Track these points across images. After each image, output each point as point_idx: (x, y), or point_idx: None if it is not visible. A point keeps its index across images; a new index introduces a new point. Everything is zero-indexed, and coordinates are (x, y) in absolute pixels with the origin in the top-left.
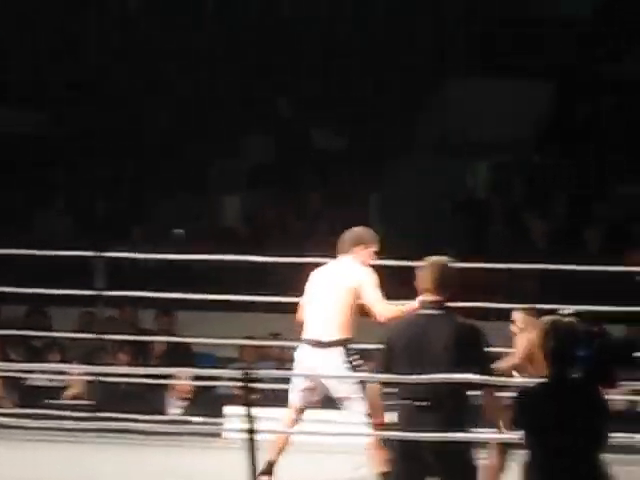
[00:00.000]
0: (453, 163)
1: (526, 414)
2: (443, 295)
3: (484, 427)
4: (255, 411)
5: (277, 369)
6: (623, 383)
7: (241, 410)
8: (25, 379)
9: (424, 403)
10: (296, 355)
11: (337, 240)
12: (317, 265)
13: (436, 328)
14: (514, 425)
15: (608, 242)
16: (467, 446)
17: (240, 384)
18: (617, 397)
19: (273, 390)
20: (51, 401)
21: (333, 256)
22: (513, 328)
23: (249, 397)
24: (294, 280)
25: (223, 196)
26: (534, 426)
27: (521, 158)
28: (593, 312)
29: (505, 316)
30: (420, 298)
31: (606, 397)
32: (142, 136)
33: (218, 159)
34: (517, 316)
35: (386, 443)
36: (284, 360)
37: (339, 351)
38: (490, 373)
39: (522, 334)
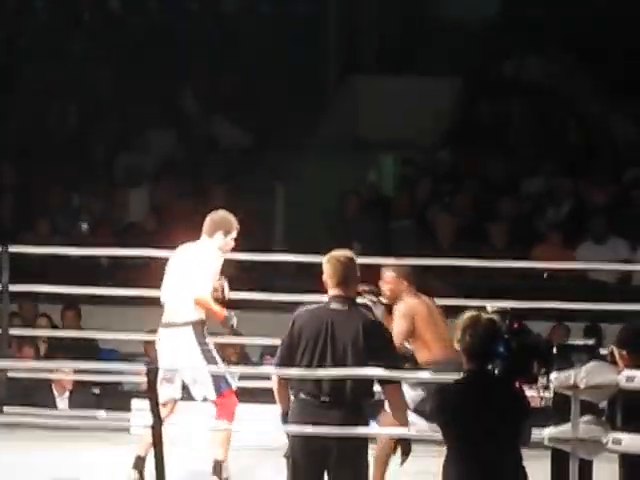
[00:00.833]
0: (359, 159)
1: (445, 410)
2: (349, 290)
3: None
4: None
5: None
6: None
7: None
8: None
9: (325, 399)
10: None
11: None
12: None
13: (343, 323)
14: (432, 421)
15: (513, 238)
16: (364, 443)
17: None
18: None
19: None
20: None
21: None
22: (384, 288)
23: (155, 392)
24: None
25: (129, 189)
26: (452, 422)
27: (427, 154)
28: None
29: None
30: (329, 292)
31: (525, 393)
32: (48, 131)
33: (124, 153)
34: (387, 275)
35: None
36: None
37: (189, 331)
38: (395, 368)
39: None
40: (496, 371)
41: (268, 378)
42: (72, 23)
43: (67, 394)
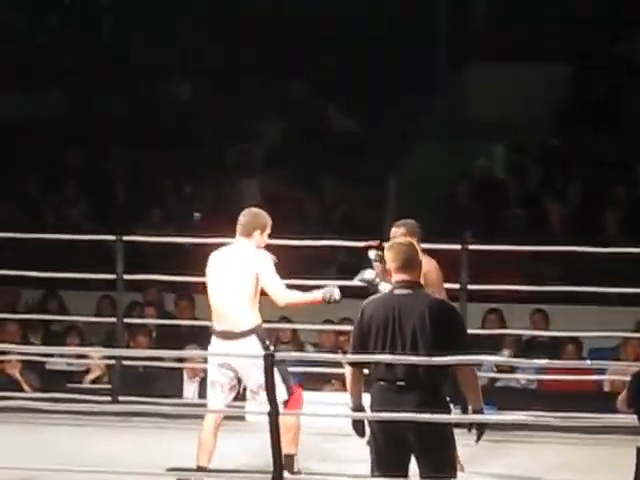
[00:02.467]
0: (470, 146)
1: None
2: (413, 275)
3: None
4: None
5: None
6: None
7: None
8: (45, 363)
9: (401, 384)
10: (210, 349)
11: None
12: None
13: (410, 307)
14: (629, 406)
15: (627, 225)
16: (446, 427)
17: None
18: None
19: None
20: (71, 385)
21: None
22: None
23: (272, 379)
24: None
25: (241, 179)
26: None
27: (539, 141)
28: None
29: (524, 299)
30: (393, 279)
31: None
32: (159, 120)
33: (236, 143)
34: (396, 232)
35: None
36: (296, 342)
37: (253, 339)
38: (466, 350)
39: None
40: None
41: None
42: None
43: (198, 379)
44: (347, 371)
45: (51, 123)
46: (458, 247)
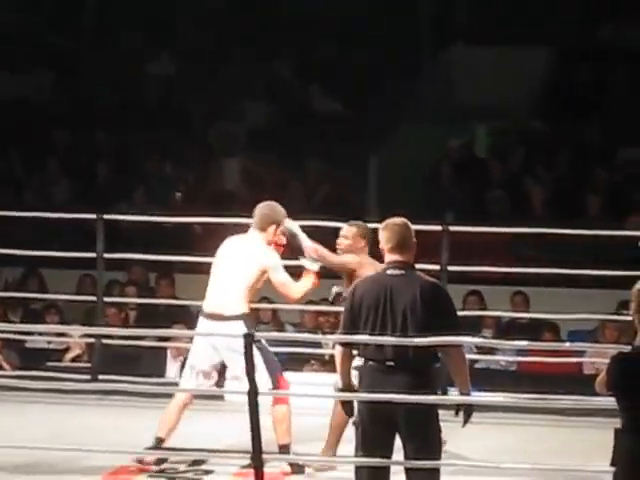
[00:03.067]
0: (453, 129)
1: (623, 378)
2: (407, 255)
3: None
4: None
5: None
6: None
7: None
8: (24, 341)
9: (390, 364)
10: (198, 329)
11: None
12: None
13: (401, 288)
14: (609, 389)
15: (609, 208)
16: (433, 407)
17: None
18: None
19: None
20: (51, 363)
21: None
22: (340, 240)
23: (251, 359)
24: None
25: (223, 159)
26: (631, 391)
27: (521, 124)
28: None
29: (505, 280)
30: (385, 259)
31: None
32: (144, 101)
33: (218, 122)
34: (349, 230)
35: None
36: (277, 322)
37: (241, 324)
38: (456, 332)
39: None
40: None
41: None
42: None
43: (181, 358)
44: (337, 350)
45: (36, 103)
46: (439, 228)
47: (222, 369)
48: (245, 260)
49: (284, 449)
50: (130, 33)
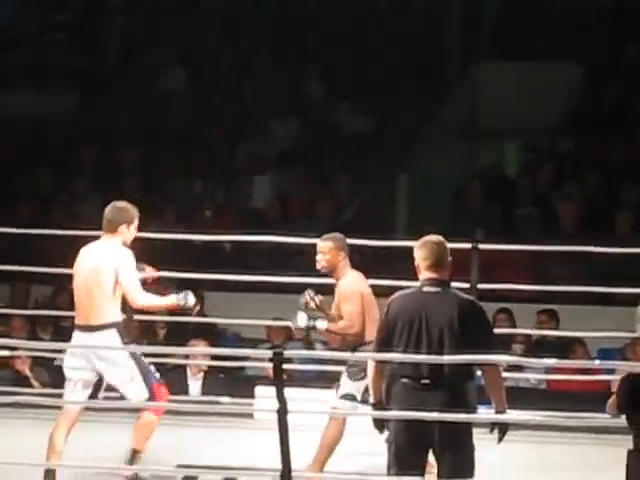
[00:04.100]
0: (481, 145)
1: (634, 399)
2: (443, 273)
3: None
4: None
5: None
6: None
7: (272, 391)
8: (54, 359)
9: (425, 382)
10: (73, 342)
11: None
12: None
13: (437, 305)
14: (620, 409)
15: (638, 225)
16: (468, 426)
17: (271, 364)
18: None
19: (301, 371)
20: None
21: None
22: (319, 257)
23: (280, 377)
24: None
25: (252, 177)
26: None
27: (550, 140)
28: None
29: (534, 298)
30: (421, 276)
31: None
32: (172, 118)
33: (248, 140)
34: (324, 246)
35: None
36: (309, 341)
37: (112, 333)
38: (493, 349)
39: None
40: None
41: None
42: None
43: (201, 375)
44: (369, 366)
45: (64, 121)
46: (468, 246)
47: (98, 380)
48: (100, 266)
49: (136, 454)
50: (156, 49)
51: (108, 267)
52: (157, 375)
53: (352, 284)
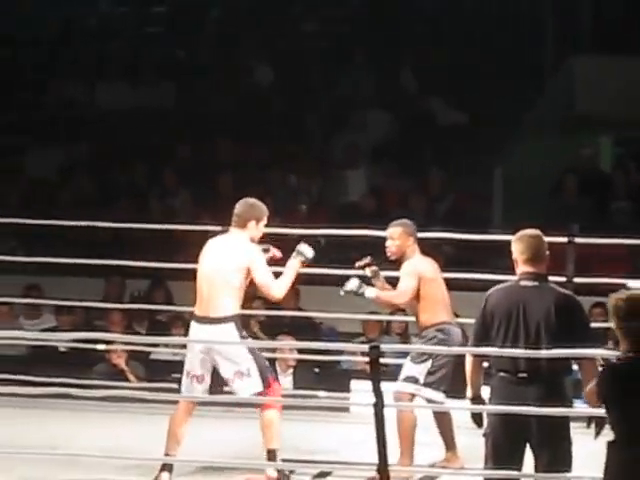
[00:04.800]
0: (576, 139)
1: (613, 390)
2: (540, 267)
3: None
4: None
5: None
6: None
7: (368, 384)
8: (149, 353)
9: (523, 375)
10: (190, 333)
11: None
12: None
13: (535, 299)
14: (599, 400)
15: None
16: (566, 419)
17: (367, 358)
18: None
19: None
20: (176, 375)
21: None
22: (389, 243)
23: (377, 371)
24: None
25: (347, 171)
26: (622, 402)
27: None
28: None
29: None
30: (519, 270)
31: None
32: (266, 111)
33: (341, 134)
34: (394, 231)
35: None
36: (406, 335)
37: (231, 326)
38: (590, 344)
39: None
40: None
41: None
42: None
43: (291, 371)
44: (468, 361)
45: (159, 114)
46: (564, 240)
47: (215, 374)
48: (228, 260)
49: (271, 454)
50: (251, 41)
51: (238, 263)
52: (272, 371)
53: (413, 263)
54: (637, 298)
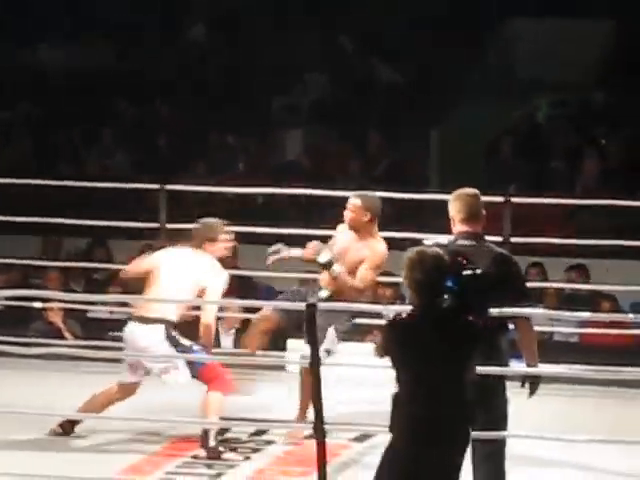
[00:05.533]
0: (515, 101)
1: (396, 344)
2: (477, 226)
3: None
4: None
5: None
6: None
7: (304, 344)
8: (86, 311)
9: None
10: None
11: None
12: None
13: (472, 258)
14: (383, 354)
15: None
16: (500, 379)
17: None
18: None
19: None
20: (113, 333)
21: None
22: (346, 213)
23: (313, 330)
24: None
25: (285, 130)
26: (404, 356)
27: (582, 96)
28: None
29: (567, 252)
30: (455, 229)
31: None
32: (206, 73)
33: (280, 95)
34: (353, 204)
35: None
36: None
37: (160, 328)
38: (527, 303)
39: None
40: (447, 305)
41: None
42: None
43: (233, 331)
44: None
45: (97, 74)
46: (501, 200)
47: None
48: (192, 275)
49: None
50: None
51: (198, 279)
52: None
53: (384, 256)
54: (424, 252)
